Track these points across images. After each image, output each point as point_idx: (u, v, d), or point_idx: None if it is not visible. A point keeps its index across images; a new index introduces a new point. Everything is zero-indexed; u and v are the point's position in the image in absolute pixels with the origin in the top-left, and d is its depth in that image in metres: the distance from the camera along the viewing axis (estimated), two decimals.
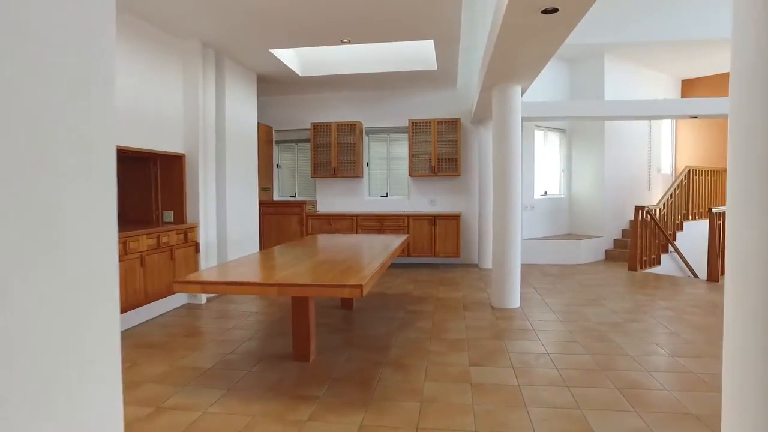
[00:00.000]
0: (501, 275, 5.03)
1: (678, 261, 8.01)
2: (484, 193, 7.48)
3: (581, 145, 8.85)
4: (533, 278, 6.68)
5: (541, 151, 8.61)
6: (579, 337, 4.03)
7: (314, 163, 8.13)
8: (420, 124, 7.80)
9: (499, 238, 5.05)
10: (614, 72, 8.57)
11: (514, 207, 4.98)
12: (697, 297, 5.52)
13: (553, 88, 8.60)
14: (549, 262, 7.93)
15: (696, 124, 10.09)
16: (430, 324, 4.45)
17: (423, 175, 7.83)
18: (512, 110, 4.95)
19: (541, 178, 8.63)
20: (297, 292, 2.72)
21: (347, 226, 7.79)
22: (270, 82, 7.42)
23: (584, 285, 6.21)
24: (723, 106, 7.30)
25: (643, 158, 9.38)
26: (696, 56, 8.81)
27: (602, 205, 8.50)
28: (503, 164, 4.98)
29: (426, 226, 7.59)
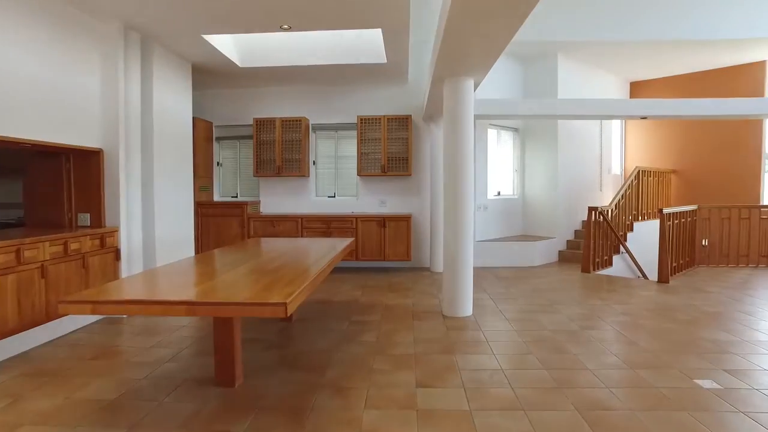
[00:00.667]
0: (452, 281, 4.71)
1: (628, 261, 7.98)
2: (436, 193, 7.18)
3: (534, 145, 8.72)
4: (487, 282, 6.42)
5: (494, 151, 8.40)
6: (535, 348, 3.75)
7: (257, 161, 7.60)
8: (369, 121, 7.42)
9: (450, 241, 4.72)
10: (567, 72, 8.47)
11: (466, 208, 4.67)
12: (650, 300, 5.39)
13: (506, 87, 8.41)
14: (503, 264, 7.72)
15: (644, 126, 10.18)
16: (375, 337, 4.06)
17: (373, 174, 7.45)
18: (464, 105, 4.64)
19: (495, 177, 8.43)
20: (209, 312, 2.27)
21: (292, 228, 7.31)
22: (208, 73, 6.84)
23: (538, 289, 5.99)
24: (673, 107, 7.29)
25: (594, 159, 9.35)
26: (644, 58, 8.85)
27: (555, 206, 8.39)
28: (455, 162, 4.66)
29: (375, 228, 7.21)
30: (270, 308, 2.25)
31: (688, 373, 3.26)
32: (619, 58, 8.80)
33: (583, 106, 7.25)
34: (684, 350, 3.71)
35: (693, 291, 5.90)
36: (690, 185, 9.65)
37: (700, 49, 8.24)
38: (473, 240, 7.47)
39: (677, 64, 9.16)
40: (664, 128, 9.92)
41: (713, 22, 7.70)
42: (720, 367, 3.37)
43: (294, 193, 7.94)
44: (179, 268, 3.30)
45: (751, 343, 3.92)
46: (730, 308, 5.04)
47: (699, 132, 9.50)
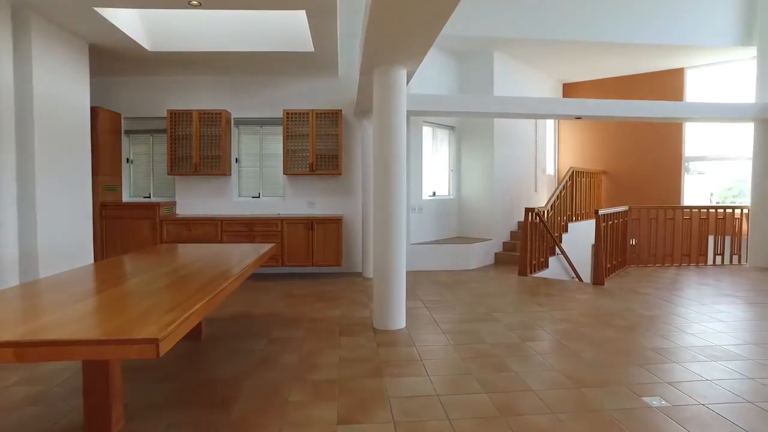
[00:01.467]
0: (384, 291, 4.28)
1: (563, 262, 7.91)
2: (369, 194, 6.73)
3: (471, 144, 8.49)
4: (421, 288, 6.06)
5: (429, 149, 8.08)
6: (474, 366, 3.38)
7: (171, 157, 6.83)
8: (297, 116, 6.86)
9: (380, 247, 4.29)
10: (503, 70, 8.30)
11: (397, 209, 4.25)
12: (588, 305, 5.22)
13: (442, 84, 8.11)
14: (438, 267, 7.41)
15: (576, 127, 10.27)
16: (296, 358, 3.55)
17: (300, 173, 6.90)
18: (396, 96, 4.21)
19: (430, 177, 8.11)
20: (47, 355, 1.68)
21: (210, 232, 6.62)
22: (113, 57, 6.03)
23: (476, 295, 5.70)
24: (606, 108, 7.26)
25: (529, 159, 9.28)
26: (575, 60, 8.86)
27: (492, 207, 8.19)
28: (386, 158, 4.23)
29: (303, 230, 6.66)
30: (137, 347, 1.69)
31: (635, 389, 2.99)
32: (552, 59, 8.76)
33: (520, 104, 7.07)
34: (628, 361, 3.48)
35: (627, 293, 5.81)
36: (619, 186, 9.81)
37: (626, 52, 8.34)
38: (406, 244, 7.11)
39: (606, 67, 9.26)
40: (595, 130, 10.03)
41: (637, 26, 7.79)
42: (665, 380, 3.14)
43: (214, 194, 7.23)
44: (46, 285, 2.64)
45: (689, 349, 3.76)
46: (664, 311, 4.95)
47: (626, 134, 9.67)
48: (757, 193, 7.82)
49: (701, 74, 9.14)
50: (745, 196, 9.13)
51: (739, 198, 9.37)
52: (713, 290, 6.06)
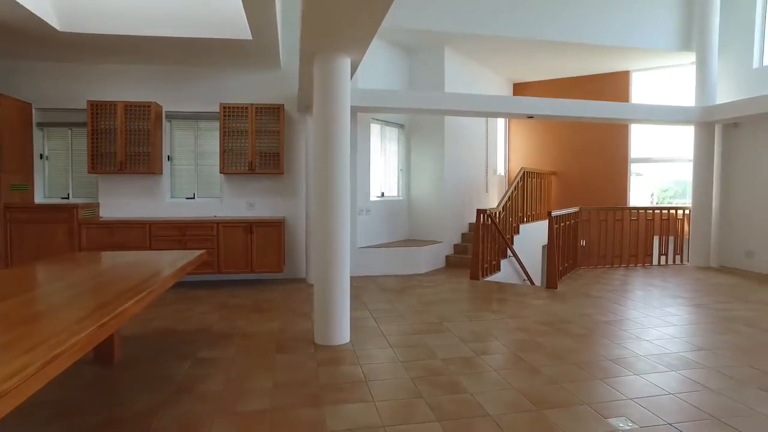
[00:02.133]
0: (326, 303, 3.87)
1: (515, 265, 7.76)
2: (313, 194, 6.31)
3: (421, 143, 8.20)
4: (368, 295, 5.69)
5: (378, 148, 7.73)
6: (424, 387, 3.03)
7: (93, 154, 6.13)
8: (235, 110, 6.33)
9: (322, 253, 3.88)
10: (454, 67, 8.07)
11: (340, 211, 3.86)
12: (543, 311, 5.01)
13: (391, 80, 7.78)
14: (387, 272, 7.06)
15: (525, 127, 10.21)
16: (222, 383, 3.09)
17: (239, 172, 6.38)
18: (339, 87, 3.82)
19: (378, 177, 7.76)
20: None
21: (138, 237, 5.99)
22: (17, 37, 5.31)
23: (426, 302, 5.38)
24: (557, 107, 7.15)
25: (480, 159, 9.11)
26: (525, 59, 8.77)
27: (442, 208, 7.93)
28: (328, 155, 3.83)
29: (241, 234, 6.15)
30: None
31: (599, 409, 2.74)
32: (503, 57, 8.62)
33: (471, 101, 6.84)
34: (588, 375, 3.24)
35: (581, 297, 5.67)
36: (569, 187, 9.82)
37: (574, 53, 8.31)
38: (352, 248, 6.72)
39: (556, 67, 9.23)
40: (544, 131, 10.01)
41: (585, 27, 7.76)
42: (628, 396, 2.91)
43: (143, 194, 6.58)
44: None
45: (647, 358, 3.58)
46: (618, 316, 4.81)
47: (575, 136, 9.68)
48: (698, 195, 7.95)
49: (645, 77, 9.26)
50: (682, 197, 9.34)
51: (676, 199, 9.59)
52: (661, 292, 6.03)
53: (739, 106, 7.25)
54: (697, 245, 7.98)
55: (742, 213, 7.75)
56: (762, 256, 7.45)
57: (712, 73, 7.92)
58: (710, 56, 7.91)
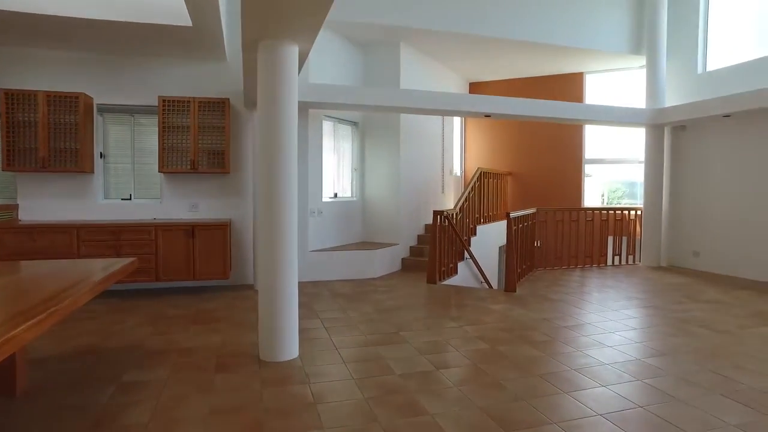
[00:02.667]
0: (272, 314, 3.52)
1: (472, 268, 7.60)
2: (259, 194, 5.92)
3: (375, 142, 7.92)
4: (321, 303, 5.35)
5: (330, 146, 7.39)
6: (381, 410, 2.74)
7: (8, 149, 5.49)
8: (176, 104, 5.84)
9: (267, 259, 3.53)
10: (410, 64, 7.83)
11: (286, 213, 3.52)
12: (503, 316, 4.83)
13: (345, 76, 7.45)
14: (341, 276, 6.74)
15: (481, 127, 10.12)
16: (149, 413, 2.68)
17: (180, 171, 5.90)
18: (286, 77, 3.48)
19: (331, 177, 7.42)
20: None
21: (65, 243, 5.41)
22: None
23: (382, 309, 5.10)
24: (516, 106, 7.04)
25: (436, 159, 8.92)
26: (481, 58, 8.67)
27: (398, 209, 7.68)
28: (273, 152, 3.48)
29: (182, 238, 5.67)
30: None
31: (570, 429, 2.53)
32: (459, 55, 8.47)
33: (427, 98, 6.63)
34: (554, 389, 3.04)
35: (540, 300, 5.54)
36: (524, 187, 9.80)
37: (530, 53, 8.27)
38: (303, 252, 6.35)
39: (511, 67, 9.18)
40: (500, 131, 9.95)
41: (540, 27, 7.73)
42: (599, 412, 2.73)
43: (72, 195, 5.98)
44: None
45: (612, 366, 3.43)
46: (579, 320, 4.69)
47: (530, 136, 9.67)
48: (649, 196, 8.06)
49: (598, 80, 9.35)
50: (630, 198, 9.50)
51: (624, 199, 9.75)
52: (617, 293, 5.99)
53: (686, 110, 7.37)
54: (649, 245, 8.08)
55: (690, 214, 7.91)
56: (707, 255, 7.61)
57: (661, 77, 8.04)
58: (659, 60, 8.03)
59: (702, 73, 7.80)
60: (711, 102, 6.96)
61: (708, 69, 7.77)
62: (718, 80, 7.45)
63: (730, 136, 7.30)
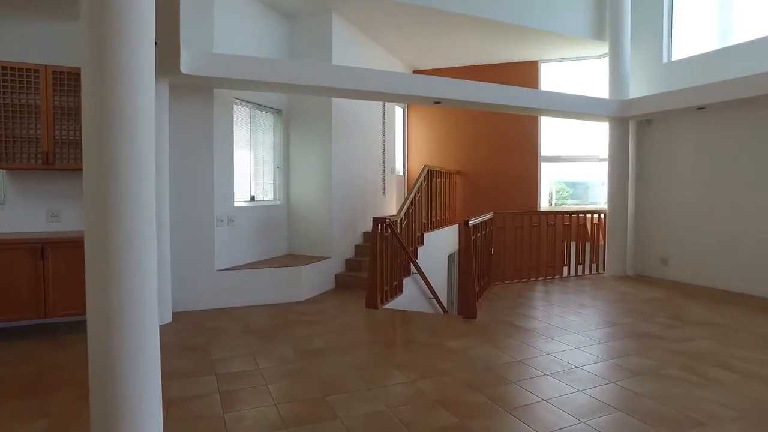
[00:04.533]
0: (109, 392, 2.12)
1: (419, 283, 6.42)
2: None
3: (303, 134, 6.53)
4: (223, 345, 3.95)
5: (245, 138, 5.96)
6: None
7: None
8: (17, 75, 4.24)
9: (96, 312, 2.13)
10: (344, 43, 6.53)
11: (134, 227, 2.15)
12: (466, 359, 3.64)
13: (268, 52, 6.04)
14: (258, 301, 5.34)
15: (427, 119, 9.01)
16: None
17: (29, 167, 4.31)
18: (131, 13, 2.09)
19: (247, 176, 5.99)
20: None
21: None
22: None
23: (305, 352, 3.78)
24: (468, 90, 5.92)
25: (376, 155, 7.68)
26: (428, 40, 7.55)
27: (331, 215, 6.34)
28: (107, 138, 2.09)
29: (28, 260, 4.08)
30: None
31: None
32: (399, 34, 7.29)
33: (365, 78, 5.37)
34: None
35: (507, 331, 4.42)
36: (475, 188, 8.77)
37: (480, 33, 7.24)
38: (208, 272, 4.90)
39: (460, 53, 8.12)
40: (447, 124, 8.88)
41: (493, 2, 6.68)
42: None
43: None
44: None
45: None
46: (564, 361, 3.59)
47: (481, 130, 8.67)
48: (614, 197, 7.21)
49: (554, 69, 8.48)
50: (574, 199, 8.71)
51: (568, 200, 8.96)
52: (595, 316, 5.00)
53: (655, 101, 6.55)
54: (614, 252, 7.24)
55: (657, 217, 7.13)
56: (676, 262, 6.85)
57: (625, 67, 7.21)
58: (623, 48, 7.20)
59: (667, 62, 7.04)
60: (683, 92, 6.16)
61: (674, 58, 7.02)
62: (684, 70, 6.70)
63: (700, 130, 6.55)
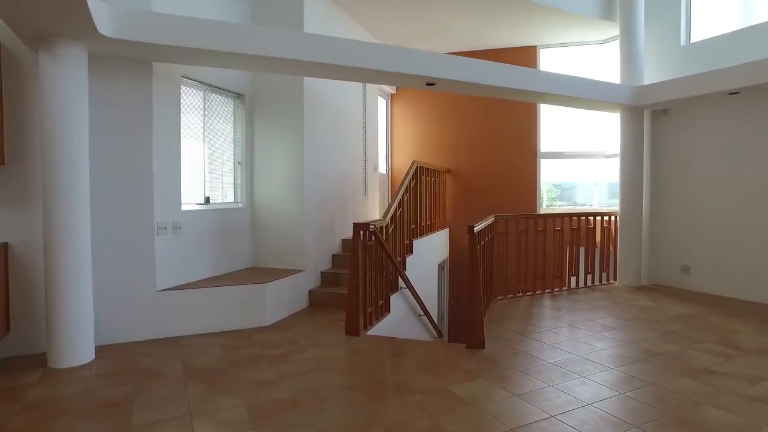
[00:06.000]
0: None
1: (408, 298, 5.46)
2: (59, 198, 3.40)
3: (270, 124, 5.51)
4: (152, 399, 2.93)
5: (198, 127, 4.92)
6: None
7: None
8: None
9: None
10: (318, 19, 5.54)
11: None
12: (481, 414, 2.69)
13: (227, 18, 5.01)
14: (211, 327, 4.31)
15: (413, 110, 8.08)
16: None
17: None
18: None
19: (200, 174, 4.95)
20: None
21: None
22: None
23: (262, 412, 2.78)
24: (471, 70, 4.99)
25: (356, 151, 6.70)
26: (417, 20, 6.62)
27: (303, 221, 5.33)
28: None
29: None
30: None
31: None
32: (382, 11, 6.34)
33: (346, 51, 4.39)
34: None
35: (525, 366, 3.49)
36: (467, 188, 7.86)
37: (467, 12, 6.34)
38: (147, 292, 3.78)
39: (449, 36, 7.20)
40: (434, 116, 7.98)
41: None
42: None
43: None
44: None
45: None
46: (609, 414, 2.67)
47: (473, 125, 7.78)
48: (626, 197, 6.37)
49: (554, 55, 7.64)
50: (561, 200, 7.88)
51: (557, 202, 8.08)
52: (627, 342, 4.10)
53: (679, 86, 5.69)
54: (627, 260, 6.39)
55: (676, 219, 6.31)
56: (699, 270, 6.03)
57: (639, 50, 6.38)
58: (636, 29, 6.36)
59: (686, 45, 6.25)
60: (712, 75, 5.33)
61: (693, 40, 6.22)
62: (705, 54, 5.91)
63: (728, 119, 5.75)
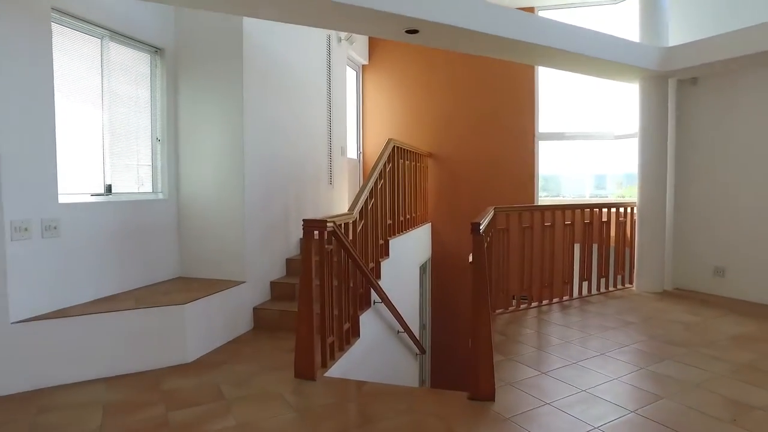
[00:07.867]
0: None
1: (384, 314, 4.25)
2: None
3: (200, 89, 4.14)
4: None
5: (95, 89, 3.54)
6: None
7: None
8: None
9: None
10: None
11: None
12: None
13: None
14: (103, 372, 3.01)
15: (386, 82, 6.88)
16: None
17: None
18: None
19: (97, 153, 3.58)
20: None
21: None
22: None
23: None
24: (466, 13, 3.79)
25: (319, 129, 5.42)
26: None
27: (244, 216, 4.02)
28: None
29: None
30: None
31: None
32: None
33: None
34: None
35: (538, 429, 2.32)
36: (451, 175, 6.69)
37: None
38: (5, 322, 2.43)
39: None
40: (414, 91, 6.79)
41: None
42: None
43: None
44: None
45: None
46: None
47: (458, 100, 6.62)
48: (646, 187, 5.27)
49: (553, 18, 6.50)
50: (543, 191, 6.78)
51: (541, 193, 6.92)
52: (690, 382, 2.99)
53: (717, 45, 4.58)
54: (647, 260, 5.30)
55: (707, 211, 5.25)
56: (737, 272, 5.00)
57: (663, 6, 5.27)
58: None
59: None
60: (755, 32, 4.24)
61: None
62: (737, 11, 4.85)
63: None
